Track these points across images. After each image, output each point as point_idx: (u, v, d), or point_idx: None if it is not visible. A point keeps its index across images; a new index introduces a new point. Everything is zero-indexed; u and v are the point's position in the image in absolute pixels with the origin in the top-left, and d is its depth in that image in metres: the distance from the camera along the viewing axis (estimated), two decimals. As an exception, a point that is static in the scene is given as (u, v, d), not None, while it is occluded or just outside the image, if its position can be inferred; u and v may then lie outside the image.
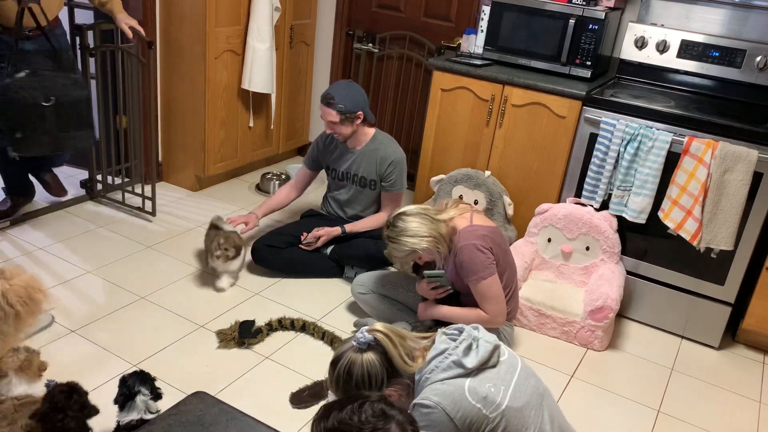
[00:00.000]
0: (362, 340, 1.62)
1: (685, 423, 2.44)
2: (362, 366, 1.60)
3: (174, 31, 3.58)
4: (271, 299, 2.90)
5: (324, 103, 2.94)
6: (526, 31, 3.23)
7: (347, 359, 1.62)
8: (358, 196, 3.16)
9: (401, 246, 2.33)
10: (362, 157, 3.08)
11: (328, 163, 3.19)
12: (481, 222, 2.41)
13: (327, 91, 2.97)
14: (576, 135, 2.99)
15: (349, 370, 1.61)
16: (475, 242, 2.31)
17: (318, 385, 2.35)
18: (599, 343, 2.79)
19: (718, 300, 2.85)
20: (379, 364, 1.61)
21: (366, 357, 1.61)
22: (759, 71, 2.97)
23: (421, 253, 2.34)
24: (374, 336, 1.63)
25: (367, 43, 4.19)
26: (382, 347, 1.63)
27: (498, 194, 3.16)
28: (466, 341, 1.64)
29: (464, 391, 1.55)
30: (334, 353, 1.69)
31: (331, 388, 1.69)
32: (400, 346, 1.65)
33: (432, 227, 2.33)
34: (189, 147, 3.79)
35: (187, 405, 1.59)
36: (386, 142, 3.09)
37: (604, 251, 2.91)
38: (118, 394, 1.90)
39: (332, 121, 2.94)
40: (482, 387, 1.57)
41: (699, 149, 2.67)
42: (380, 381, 1.61)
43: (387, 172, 3.05)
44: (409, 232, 2.31)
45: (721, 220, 2.69)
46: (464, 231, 2.35)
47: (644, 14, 3.24)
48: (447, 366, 1.60)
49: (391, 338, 1.64)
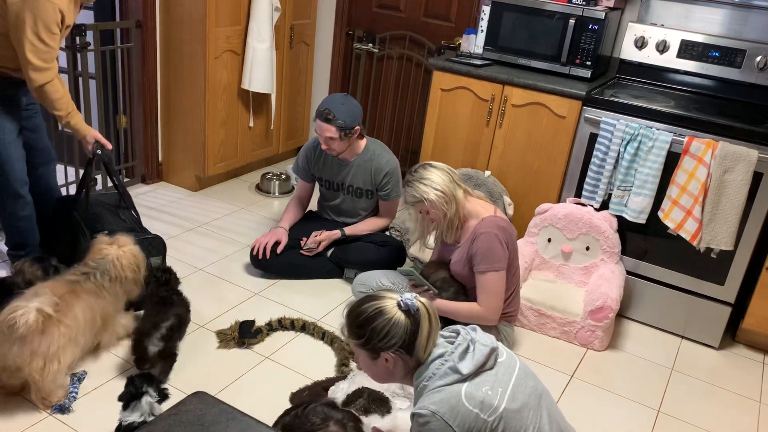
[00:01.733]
0: (407, 302, 1.60)
1: (685, 423, 2.44)
2: (389, 320, 1.60)
3: (174, 31, 3.58)
4: (271, 299, 2.90)
5: (322, 118, 2.84)
6: (526, 31, 3.23)
7: (380, 305, 1.62)
8: (353, 205, 3.14)
9: (413, 191, 2.37)
10: (356, 169, 3.03)
11: (320, 174, 3.14)
12: (501, 215, 2.44)
13: (324, 105, 2.86)
14: (576, 135, 2.99)
15: (375, 315, 1.61)
16: (497, 232, 2.33)
17: (318, 385, 2.35)
18: (599, 343, 2.79)
19: (718, 300, 2.85)
20: (403, 331, 1.59)
21: (398, 315, 1.60)
22: (759, 71, 2.97)
23: (428, 205, 2.35)
24: (418, 307, 1.61)
25: (367, 43, 4.19)
26: (417, 321, 1.61)
27: (498, 194, 3.16)
28: (462, 345, 1.62)
29: (461, 397, 1.54)
30: (374, 292, 1.69)
31: (346, 320, 1.68)
32: (432, 331, 1.63)
33: (450, 186, 2.35)
34: (189, 147, 3.79)
35: (187, 405, 1.59)
36: (379, 152, 3.03)
37: (604, 251, 2.91)
38: (124, 392, 1.91)
39: (330, 137, 2.85)
40: (479, 391, 1.56)
41: (699, 149, 2.67)
42: (392, 344, 1.60)
43: (383, 183, 3.02)
44: (425, 180, 2.35)
45: (721, 220, 2.69)
46: (489, 218, 2.37)
47: (644, 14, 3.24)
48: (444, 373, 1.59)
49: (430, 319, 1.63)
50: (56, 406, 2.11)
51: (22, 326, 1.91)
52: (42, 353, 2.00)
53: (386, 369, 1.66)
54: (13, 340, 1.95)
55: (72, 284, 2.20)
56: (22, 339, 1.95)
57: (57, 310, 2.04)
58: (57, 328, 2.03)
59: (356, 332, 1.66)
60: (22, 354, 1.97)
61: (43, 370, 2.01)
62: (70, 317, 2.09)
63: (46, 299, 2.02)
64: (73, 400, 2.14)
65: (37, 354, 1.99)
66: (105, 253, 2.29)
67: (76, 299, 2.15)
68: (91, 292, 2.22)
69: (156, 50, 3.62)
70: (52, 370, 2.03)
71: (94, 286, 2.23)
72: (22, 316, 1.92)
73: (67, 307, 2.10)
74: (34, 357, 1.99)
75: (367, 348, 1.65)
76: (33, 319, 1.93)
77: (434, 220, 2.43)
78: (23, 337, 1.95)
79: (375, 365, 1.67)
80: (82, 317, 2.15)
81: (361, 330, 1.63)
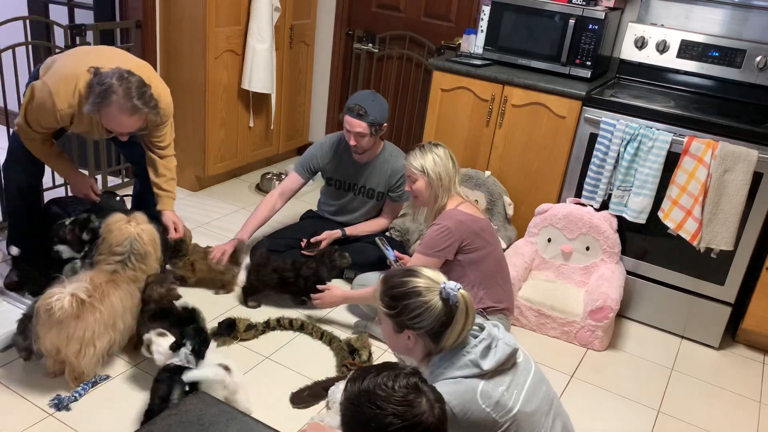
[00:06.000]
0: (449, 291, 1.56)
1: (685, 423, 2.44)
2: (425, 303, 1.56)
3: (174, 31, 3.58)
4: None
5: (353, 114, 2.85)
6: (526, 31, 3.23)
7: (421, 285, 1.58)
8: (360, 206, 3.15)
9: (417, 159, 2.46)
10: (374, 169, 3.05)
11: (331, 174, 3.13)
12: (466, 210, 2.47)
13: (355, 101, 2.88)
14: (576, 135, 2.99)
15: (411, 293, 1.57)
16: (446, 224, 2.41)
17: (318, 385, 2.35)
18: (599, 343, 2.79)
19: (718, 300, 2.85)
20: (435, 319, 1.55)
21: (436, 302, 1.55)
22: (759, 71, 2.97)
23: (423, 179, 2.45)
24: (458, 298, 1.57)
25: (367, 43, 4.19)
26: (452, 313, 1.56)
27: (498, 194, 3.16)
28: (486, 340, 1.59)
29: (476, 394, 1.52)
30: (415, 270, 1.63)
31: (382, 285, 1.64)
32: (466, 327, 1.59)
33: (449, 174, 2.45)
34: (189, 147, 3.79)
35: (187, 405, 1.59)
36: (396, 154, 3.07)
37: (604, 251, 2.91)
38: (174, 342, 2.11)
39: (361, 133, 2.87)
40: (495, 391, 1.53)
41: (699, 149, 2.67)
42: (420, 327, 1.56)
43: (397, 184, 3.05)
44: (426, 158, 2.44)
45: (721, 220, 2.69)
46: (446, 211, 2.47)
47: (644, 14, 3.24)
48: (463, 364, 1.55)
49: (467, 314, 1.58)
50: (55, 404, 2.11)
51: (58, 311, 2.00)
52: (78, 338, 2.10)
53: (406, 345, 1.63)
54: (51, 324, 2.05)
55: (111, 274, 2.29)
56: (59, 323, 2.05)
57: (91, 296, 2.12)
58: (92, 314, 2.12)
59: (387, 302, 1.61)
60: (59, 337, 2.08)
61: (78, 353, 2.12)
62: (107, 304, 2.18)
63: (81, 285, 2.11)
64: (74, 401, 2.15)
65: (73, 338, 2.09)
66: (127, 233, 2.33)
67: (115, 288, 2.24)
68: (130, 278, 2.32)
69: (156, 50, 3.62)
70: (88, 354, 2.14)
71: (132, 271, 2.32)
72: (58, 301, 2.00)
73: (104, 294, 2.18)
74: (71, 341, 2.09)
75: (394, 320, 1.61)
76: (67, 303, 2.01)
77: (419, 196, 2.51)
78: (60, 322, 2.05)
79: (396, 337, 1.64)
80: (120, 304, 2.24)
81: (394, 302, 1.59)
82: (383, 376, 1.33)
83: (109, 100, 2.27)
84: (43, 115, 2.40)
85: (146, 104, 2.34)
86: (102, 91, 2.27)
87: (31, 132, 2.50)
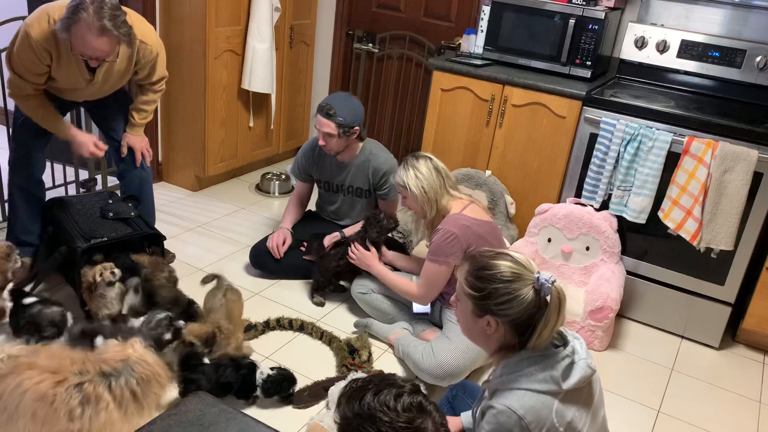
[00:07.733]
0: (543, 282, 1.42)
1: (685, 423, 2.44)
2: (514, 291, 1.43)
3: (174, 31, 3.58)
4: (270, 299, 2.90)
5: (322, 113, 2.81)
6: (526, 31, 3.23)
7: (513, 271, 1.45)
8: (352, 206, 3.13)
9: (400, 176, 2.52)
10: (354, 170, 3.01)
11: (318, 176, 3.12)
12: (472, 214, 2.46)
13: (326, 101, 2.85)
14: (576, 135, 2.99)
15: (500, 278, 1.44)
16: (452, 230, 2.40)
17: (318, 385, 2.35)
18: (599, 343, 2.79)
19: (718, 300, 2.85)
20: (522, 309, 1.43)
21: (527, 291, 1.43)
22: (759, 71, 2.97)
23: (408, 195, 2.51)
24: (552, 291, 1.43)
25: (367, 43, 4.19)
26: (541, 306, 1.43)
27: (499, 193, 3.16)
28: (569, 358, 1.47)
29: (552, 411, 1.42)
30: (508, 254, 1.50)
31: (469, 262, 1.50)
32: (556, 325, 1.46)
33: (433, 187, 2.47)
34: (189, 147, 3.79)
35: (187, 405, 1.59)
36: (375, 151, 3.00)
37: (604, 251, 2.91)
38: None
39: (329, 133, 2.82)
40: (569, 411, 1.45)
41: (699, 149, 2.67)
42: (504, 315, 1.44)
43: (381, 182, 2.99)
44: (412, 172, 2.48)
45: (721, 220, 2.69)
46: (450, 216, 2.46)
47: (644, 14, 3.24)
48: (543, 378, 1.43)
49: (559, 310, 1.44)
50: None
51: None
52: None
53: (483, 332, 1.50)
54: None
55: None
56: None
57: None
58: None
59: (472, 282, 1.48)
60: None
61: None
62: None
63: None
64: None
65: None
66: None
67: None
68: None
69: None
70: None
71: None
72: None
73: None
74: None
75: (476, 302, 1.47)
76: None
77: (411, 208, 2.57)
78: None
79: (474, 321, 1.50)
80: None
81: (480, 283, 1.46)
82: (384, 394, 1.24)
83: (78, 16, 2.21)
84: (24, 54, 2.38)
85: (116, 27, 2.26)
86: (73, 7, 2.23)
87: (23, 83, 2.46)
